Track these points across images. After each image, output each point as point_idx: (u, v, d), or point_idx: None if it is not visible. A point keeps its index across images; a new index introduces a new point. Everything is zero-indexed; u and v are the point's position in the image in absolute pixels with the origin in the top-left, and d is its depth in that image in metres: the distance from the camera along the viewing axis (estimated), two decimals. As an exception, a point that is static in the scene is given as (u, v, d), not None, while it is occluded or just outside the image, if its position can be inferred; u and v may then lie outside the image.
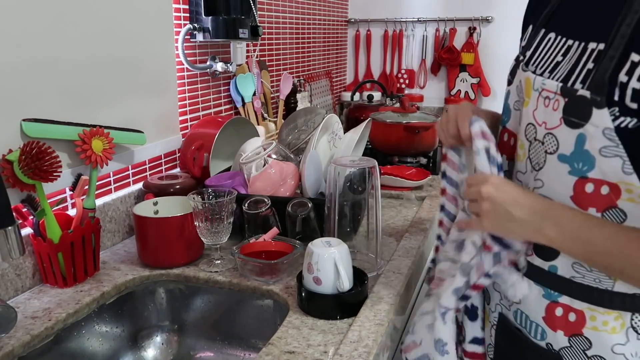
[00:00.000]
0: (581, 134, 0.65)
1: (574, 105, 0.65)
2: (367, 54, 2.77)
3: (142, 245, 1.06)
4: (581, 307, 0.72)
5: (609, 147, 0.64)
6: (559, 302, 0.74)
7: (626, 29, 0.62)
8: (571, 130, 0.66)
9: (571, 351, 0.73)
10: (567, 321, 0.73)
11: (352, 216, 1.04)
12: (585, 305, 0.71)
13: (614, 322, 0.70)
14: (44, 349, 0.85)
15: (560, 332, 0.74)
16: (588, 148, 0.66)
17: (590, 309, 0.71)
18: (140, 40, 1.21)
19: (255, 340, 1.03)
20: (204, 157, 1.31)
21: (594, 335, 0.71)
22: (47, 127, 0.98)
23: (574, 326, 0.72)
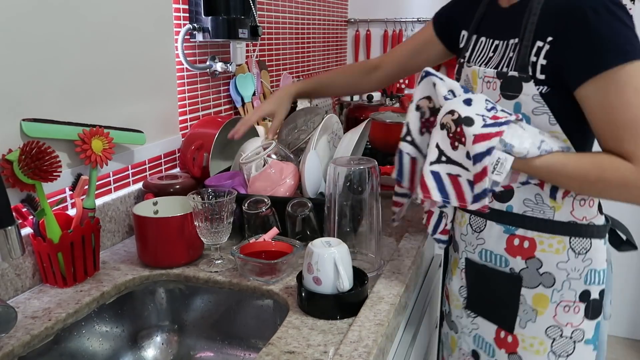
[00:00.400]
0: (517, 103, 0.89)
1: (508, 83, 0.89)
2: (367, 54, 2.77)
3: (142, 245, 1.05)
4: (532, 235, 0.94)
5: (538, 108, 0.88)
6: (515, 234, 0.95)
7: (531, 25, 0.87)
8: (509, 102, 0.90)
9: (528, 271, 0.95)
10: (522, 248, 0.95)
11: (352, 216, 1.04)
12: (535, 233, 0.93)
13: (557, 245, 0.93)
14: (44, 349, 0.85)
15: (518, 257, 0.96)
16: (524, 111, 0.89)
17: (539, 236, 0.93)
18: (140, 40, 1.21)
19: (255, 340, 1.03)
20: (204, 157, 1.31)
21: (543, 256, 0.93)
22: (47, 127, 0.98)
23: (528, 251, 0.95)
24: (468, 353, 1.08)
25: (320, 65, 2.44)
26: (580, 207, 0.92)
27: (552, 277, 0.94)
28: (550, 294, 0.94)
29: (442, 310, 1.21)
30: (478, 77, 0.96)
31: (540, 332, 0.96)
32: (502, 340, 1.00)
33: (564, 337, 0.95)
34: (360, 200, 1.02)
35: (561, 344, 0.96)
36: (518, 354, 0.98)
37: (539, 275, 0.94)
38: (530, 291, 0.95)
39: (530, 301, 0.95)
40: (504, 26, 0.96)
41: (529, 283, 0.95)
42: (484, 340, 1.04)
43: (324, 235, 1.08)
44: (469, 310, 1.06)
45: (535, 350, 0.96)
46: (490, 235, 0.98)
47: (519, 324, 0.97)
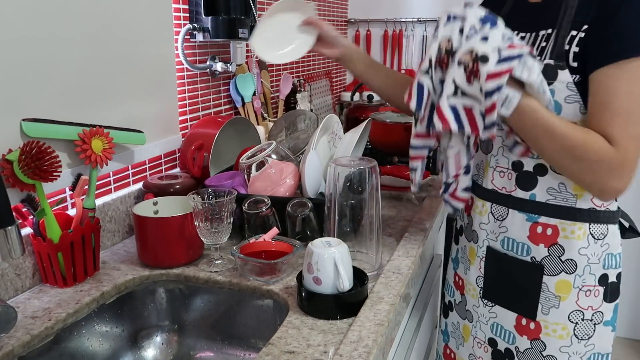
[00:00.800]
0: (551, 90, 0.90)
1: (543, 71, 0.88)
2: (367, 54, 2.76)
3: (142, 245, 1.05)
4: (555, 223, 0.97)
5: (571, 96, 0.90)
6: (538, 222, 0.98)
7: (569, 16, 0.90)
8: None
9: (550, 259, 0.98)
10: (545, 235, 0.98)
11: (352, 216, 1.04)
12: (557, 220, 0.97)
13: (578, 231, 0.96)
14: (44, 348, 0.85)
15: (541, 245, 0.98)
16: (557, 99, 0.91)
17: (561, 223, 0.96)
18: (140, 40, 1.21)
19: (255, 340, 1.03)
20: (204, 157, 1.31)
21: (565, 243, 0.97)
22: (47, 127, 0.98)
23: (551, 238, 0.98)
24: (484, 341, 1.10)
25: (320, 65, 2.44)
26: None
27: (574, 263, 0.97)
28: (572, 280, 0.97)
29: (448, 301, 1.22)
30: None
31: (563, 317, 0.99)
32: (523, 327, 1.03)
33: (586, 320, 0.99)
34: (360, 200, 1.02)
35: (583, 327, 0.99)
36: (541, 340, 1.01)
37: (561, 262, 0.97)
38: (552, 279, 0.98)
39: (553, 288, 0.99)
40: (533, 19, 0.99)
41: (550, 271, 0.98)
42: (502, 327, 1.06)
43: (324, 235, 1.08)
44: (486, 299, 1.08)
45: (559, 335, 1.00)
46: (512, 223, 1.01)
47: (541, 310, 1.00)
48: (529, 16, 1.00)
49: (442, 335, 1.26)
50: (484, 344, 1.11)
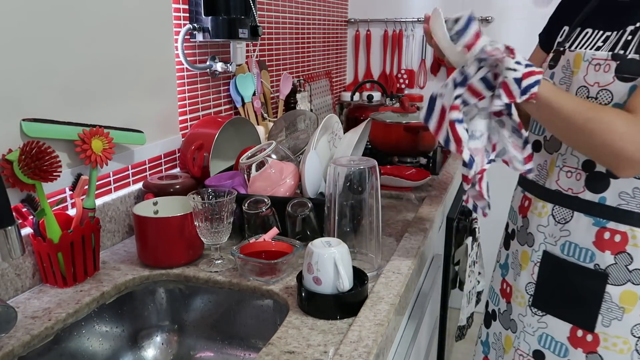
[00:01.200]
0: (633, 85, 0.86)
1: (627, 65, 0.87)
2: (367, 54, 2.77)
3: (142, 245, 1.05)
4: (624, 229, 0.91)
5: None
6: (606, 227, 0.93)
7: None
8: (624, 84, 0.87)
9: (616, 267, 0.92)
10: (613, 242, 0.92)
11: (352, 216, 1.04)
12: (627, 227, 0.91)
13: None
14: (44, 349, 0.85)
15: (607, 252, 0.93)
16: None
17: (632, 230, 0.91)
18: (140, 40, 1.21)
19: (255, 340, 1.03)
20: (204, 157, 1.31)
21: (635, 251, 0.91)
22: (46, 127, 0.98)
23: (619, 245, 0.92)
24: (528, 354, 1.05)
25: (320, 65, 2.44)
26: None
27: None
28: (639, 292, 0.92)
29: (492, 310, 1.18)
30: (583, 60, 0.94)
31: (626, 331, 0.93)
32: (579, 339, 0.97)
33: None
34: (360, 200, 1.02)
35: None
36: (598, 353, 0.95)
37: (628, 272, 0.92)
38: (617, 288, 0.93)
39: (617, 299, 0.93)
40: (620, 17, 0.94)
41: (615, 280, 0.93)
42: (553, 339, 1.01)
43: (324, 235, 1.08)
44: (535, 308, 1.03)
45: (619, 349, 0.94)
46: (577, 227, 0.96)
47: (602, 322, 0.94)
48: (616, 14, 0.96)
49: (482, 346, 1.22)
50: (527, 357, 1.05)
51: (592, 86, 0.92)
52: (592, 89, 0.92)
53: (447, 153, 1.99)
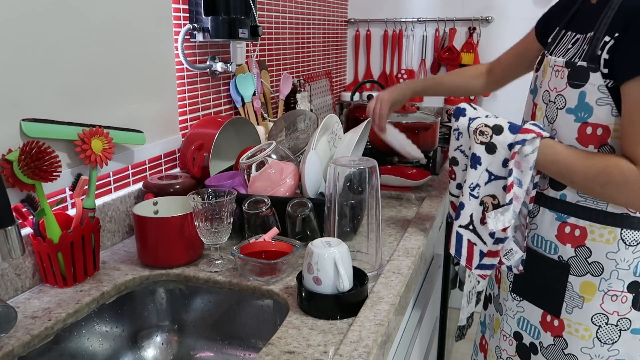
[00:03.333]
0: (582, 92, 0.92)
1: (576, 72, 0.93)
2: (367, 54, 2.77)
3: (142, 245, 1.05)
4: (584, 225, 0.96)
5: (602, 98, 0.90)
6: (567, 222, 0.98)
7: (606, 20, 0.91)
8: (574, 90, 0.93)
9: (577, 260, 0.98)
10: (573, 236, 0.98)
11: (352, 216, 1.04)
12: (587, 222, 0.96)
13: (607, 235, 0.95)
14: (44, 349, 0.85)
15: (568, 245, 0.99)
16: (587, 101, 0.92)
17: (591, 225, 0.96)
18: (140, 40, 1.21)
19: (255, 340, 1.03)
20: (204, 157, 1.31)
21: (593, 245, 0.96)
22: (46, 127, 0.98)
23: (578, 239, 0.98)
24: (509, 334, 1.12)
25: (320, 65, 2.44)
26: None
27: (601, 266, 0.96)
28: (597, 283, 0.97)
29: (489, 293, 1.25)
30: (549, 66, 1.01)
31: (586, 318, 0.99)
32: (548, 323, 1.04)
33: (610, 324, 0.98)
34: (360, 200, 1.02)
35: (606, 331, 0.98)
36: (563, 337, 1.02)
37: (587, 264, 0.97)
38: (578, 279, 0.99)
39: (578, 288, 0.99)
40: (588, 21, 0.99)
41: (576, 271, 0.99)
42: (529, 322, 1.08)
43: (324, 235, 1.08)
44: (515, 294, 1.10)
45: (581, 335, 1.00)
46: (542, 221, 1.02)
47: (565, 309, 1.01)
48: (587, 17, 1.00)
49: (481, 326, 1.30)
50: (509, 337, 1.13)
51: (552, 91, 0.99)
52: (552, 94, 0.99)
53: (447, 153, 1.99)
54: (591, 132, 0.92)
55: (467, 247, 1.04)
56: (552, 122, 0.99)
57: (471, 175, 1.02)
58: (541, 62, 1.07)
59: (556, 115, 0.97)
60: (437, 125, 1.80)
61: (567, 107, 0.95)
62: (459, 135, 1.06)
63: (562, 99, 0.96)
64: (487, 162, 1.00)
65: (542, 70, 1.05)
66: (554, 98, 0.98)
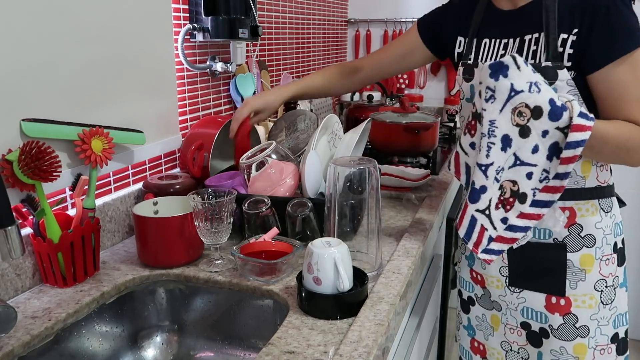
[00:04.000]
0: (554, 89, 0.96)
1: (544, 73, 0.97)
2: (367, 54, 2.76)
3: (142, 245, 1.05)
4: (571, 205, 1.06)
5: (571, 91, 0.99)
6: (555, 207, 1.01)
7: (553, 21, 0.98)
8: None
9: (571, 237, 1.07)
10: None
11: (352, 216, 1.04)
12: (572, 202, 1.06)
13: (591, 208, 1.06)
14: (44, 349, 0.85)
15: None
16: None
17: (577, 204, 1.06)
18: (140, 40, 1.21)
19: (255, 340, 1.03)
20: (204, 157, 1.31)
21: (582, 221, 1.06)
22: (46, 127, 0.98)
23: (570, 219, 1.06)
24: (516, 326, 1.16)
25: (320, 65, 2.44)
26: (600, 172, 1.06)
27: (593, 237, 1.06)
28: (594, 253, 1.07)
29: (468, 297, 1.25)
30: None
31: (590, 288, 1.08)
32: (554, 305, 1.10)
33: (608, 286, 1.08)
34: (360, 200, 1.02)
35: (607, 293, 1.09)
36: (572, 313, 1.09)
37: (581, 239, 1.06)
38: (576, 254, 1.07)
39: (578, 263, 1.07)
40: (511, 26, 1.07)
41: (573, 248, 1.07)
42: (533, 310, 1.13)
43: (324, 235, 1.08)
44: (513, 287, 1.14)
45: (588, 305, 1.08)
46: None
47: (569, 286, 1.08)
48: (506, 23, 1.08)
49: (466, 330, 1.29)
50: (517, 329, 1.16)
51: None
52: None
53: (447, 153, 1.99)
54: None
55: (478, 232, 1.02)
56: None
57: (499, 158, 0.96)
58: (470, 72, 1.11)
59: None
60: (437, 125, 1.80)
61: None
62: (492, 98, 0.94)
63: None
64: (516, 146, 0.94)
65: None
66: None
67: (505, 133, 0.94)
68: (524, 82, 0.91)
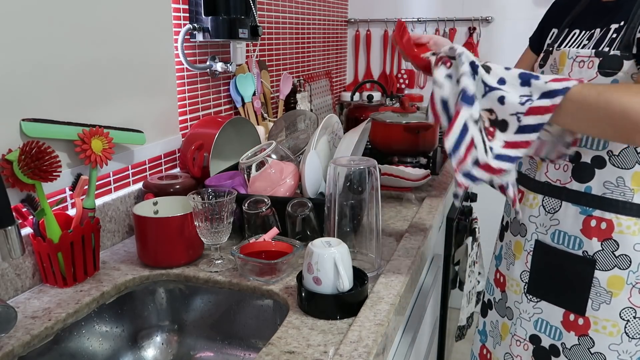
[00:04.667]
0: (615, 80, 0.91)
1: (608, 61, 0.92)
2: (367, 54, 2.77)
3: (142, 245, 1.05)
4: (610, 217, 0.95)
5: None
6: (592, 215, 0.97)
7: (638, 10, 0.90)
8: (606, 79, 0.92)
9: (603, 254, 0.96)
10: (599, 229, 0.96)
11: (352, 216, 1.04)
12: (613, 215, 0.95)
13: (634, 226, 0.94)
14: (44, 348, 0.85)
15: (594, 239, 0.97)
16: None
17: (617, 218, 0.95)
18: (140, 40, 1.21)
19: (255, 340, 1.03)
20: (204, 157, 1.31)
21: (620, 238, 0.95)
22: (46, 127, 0.98)
23: (605, 232, 0.96)
24: (524, 338, 1.10)
25: (320, 65, 2.44)
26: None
27: (629, 258, 0.95)
28: (626, 276, 0.96)
29: (487, 299, 1.22)
30: (568, 58, 0.99)
31: (614, 314, 0.97)
32: (571, 323, 1.02)
33: (638, 318, 0.97)
34: (360, 200, 1.02)
35: (635, 325, 0.97)
36: (589, 336, 1.00)
37: (614, 258, 0.96)
38: (605, 274, 0.97)
39: (605, 283, 0.97)
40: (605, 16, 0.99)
41: (603, 266, 0.97)
42: (548, 323, 1.06)
43: (324, 235, 1.08)
44: (530, 295, 1.08)
45: (609, 332, 0.98)
46: (565, 216, 1.00)
47: (591, 306, 0.99)
48: (602, 13, 1.01)
49: (480, 335, 1.26)
50: (524, 342, 1.10)
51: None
52: None
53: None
54: None
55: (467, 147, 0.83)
56: None
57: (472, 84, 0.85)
58: (546, 58, 1.06)
59: None
60: (437, 126, 1.80)
61: None
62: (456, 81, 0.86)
63: None
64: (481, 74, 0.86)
65: (553, 64, 1.03)
66: None
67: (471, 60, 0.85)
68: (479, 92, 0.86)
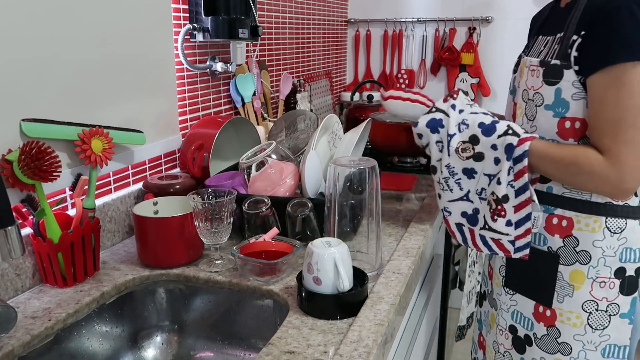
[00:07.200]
0: (558, 88, 0.97)
1: (551, 71, 0.98)
2: (367, 54, 2.77)
3: (142, 245, 1.05)
4: (570, 215, 1.01)
5: (577, 93, 0.96)
6: (554, 213, 1.03)
7: (574, 20, 0.96)
8: (550, 87, 0.99)
9: (565, 249, 1.03)
10: (561, 227, 1.03)
11: (352, 216, 1.04)
12: (573, 213, 1.01)
13: (593, 224, 1.00)
14: (44, 349, 0.85)
15: (557, 236, 1.03)
16: (564, 96, 0.97)
17: (577, 215, 1.01)
18: (140, 40, 1.21)
19: (255, 340, 1.03)
20: (204, 157, 1.31)
21: (580, 235, 1.01)
22: (46, 127, 0.98)
23: (566, 230, 1.02)
24: (505, 328, 1.16)
25: (320, 65, 2.44)
26: None
27: (588, 254, 1.01)
28: (586, 271, 1.01)
29: (484, 291, 1.28)
30: (525, 67, 1.06)
31: (577, 306, 1.03)
32: (540, 314, 1.08)
33: (600, 310, 1.02)
34: (360, 200, 1.02)
35: (597, 317, 1.02)
36: (556, 327, 1.06)
37: (575, 253, 1.02)
38: (567, 268, 1.03)
39: (567, 277, 1.03)
40: (557, 23, 1.05)
41: (565, 260, 1.03)
42: (522, 315, 1.12)
43: (324, 235, 1.08)
44: (507, 288, 1.14)
45: (573, 323, 1.04)
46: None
47: (557, 298, 1.05)
48: (556, 20, 1.07)
49: (478, 323, 1.32)
50: (505, 331, 1.16)
51: (530, 90, 1.03)
52: (530, 92, 1.03)
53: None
54: (570, 125, 0.98)
55: (496, 245, 1.06)
56: (532, 119, 1.03)
57: (471, 185, 1.07)
58: (518, 63, 1.14)
59: (535, 112, 1.02)
60: None
61: (545, 104, 1.00)
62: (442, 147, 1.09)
63: (539, 96, 1.01)
64: (481, 168, 1.04)
65: (520, 71, 1.10)
66: (532, 96, 1.03)
67: (463, 167, 1.05)
68: (454, 126, 1.06)
